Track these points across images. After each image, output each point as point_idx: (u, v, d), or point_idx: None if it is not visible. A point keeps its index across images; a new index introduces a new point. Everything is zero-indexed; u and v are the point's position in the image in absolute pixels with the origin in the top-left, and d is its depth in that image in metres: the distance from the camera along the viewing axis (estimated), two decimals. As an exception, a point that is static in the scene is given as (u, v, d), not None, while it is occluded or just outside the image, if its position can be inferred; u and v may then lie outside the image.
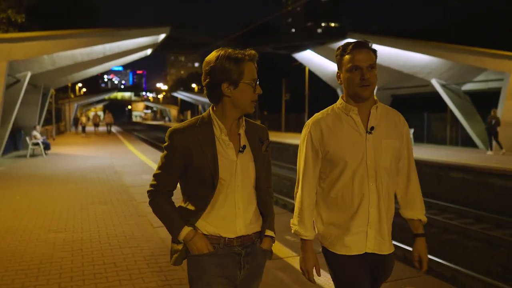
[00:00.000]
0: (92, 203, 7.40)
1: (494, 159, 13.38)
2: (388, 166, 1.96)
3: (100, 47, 15.17)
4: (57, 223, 6.01)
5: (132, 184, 9.30)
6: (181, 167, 1.80)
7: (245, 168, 1.82)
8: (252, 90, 1.77)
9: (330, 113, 2.02)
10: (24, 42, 12.13)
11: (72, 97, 44.82)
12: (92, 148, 19.68)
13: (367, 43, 1.94)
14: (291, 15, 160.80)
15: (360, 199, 1.93)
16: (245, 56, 1.76)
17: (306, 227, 2.01)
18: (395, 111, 2.08)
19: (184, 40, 19.54)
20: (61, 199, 7.80)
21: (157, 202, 1.82)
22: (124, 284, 3.80)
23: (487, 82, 17.64)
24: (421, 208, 2.07)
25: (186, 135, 1.79)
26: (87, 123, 31.17)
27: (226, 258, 1.79)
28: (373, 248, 1.94)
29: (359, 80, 1.89)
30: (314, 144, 2.00)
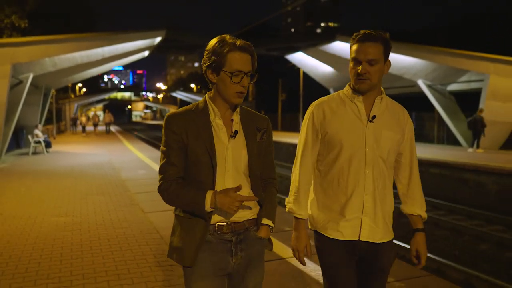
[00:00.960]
0: (91, 194, 8.16)
1: (477, 157, 14.12)
2: (385, 156, 1.96)
3: (99, 50, 15.95)
4: (58, 210, 6.77)
5: (128, 178, 10.05)
6: (182, 150, 1.79)
7: (237, 154, 1.81)
8: (230, 80, 1.75)
9: (335, 98, 2.03)
10: (27, 46, 12.92)
11: (72, 97, 45.55)
12: (92, 146, 20.44)
13: (376, 35, 1.89)
14: (290, 15, 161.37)
15: (355, 185, 1.93)
16: (231, 44, 1.74)
17: (301, 205, 2.02)
18: (400, 106, 2.08)
19: (179, 42, 20.34)
20: (62, 191, 8.55)
21: (171, 191, 1.79)
22: (115, 255, 4.55)
23: (470, 82, 18.38)
24: (422, 204, 2.08)
25: (183, 119, 1.80)
26: (87, 123, 31.50)
27: (217, 245, 1.79)
28: (367, 236, 1.94)
29: (356, 74, 1.91)
30: (315, 124, 2.00)
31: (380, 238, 1.95)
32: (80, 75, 23.23)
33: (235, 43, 1.74)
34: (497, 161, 12.54)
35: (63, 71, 17.58)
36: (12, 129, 14.32)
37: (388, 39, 1.91)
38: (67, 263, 4.29)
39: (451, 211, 10.45)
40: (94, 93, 62.03)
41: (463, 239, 8.42)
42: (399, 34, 41.08)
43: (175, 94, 74.08)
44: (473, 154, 14.71)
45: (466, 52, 16.99)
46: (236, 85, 1.75)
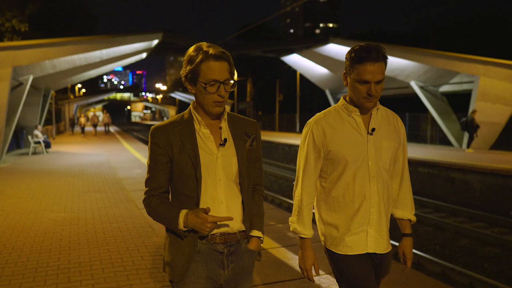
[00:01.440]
0: (88, 191, 8.53)
1: (466, 157, 14.50)
2: (387, 167, 1.99)
3: (97, 52, 16.34)
4: (57, 206, 7.14)
5: (124, 177, 10.42)
6: (167, 163, 1.77)
7: (227, 162, 1.79)
8: (204, 91, 1.72)
9: (332, 113, 2.03)
10: (27, 49, 13.31)
11: (72, 98, 45.89)
12: (91, 146, 20.81)
13: (380, 53, 1.87)
14: (289, 16, 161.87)
15: (361, 199, 1.94)
16: (204, 53, 1.70)
17: (305, 225, 2.01)
18: (393, 113, 2.11)
19: (176, 44, 20.75)
20: (61, 188, 8.92)
21: (152, 206, 1.78)
22: (110, 246, 4.93)
23: (461, 84, 18.76)
24: (412, 208, 2.12)
25: (167, 131, 1.77)
26: (86, 123, 31.49)
27: (209, 256, 1.77)
28: (374, 248, 1.97)
29: (365, 94, 1.89)
30: (316, 143, 1.99)
31: (385, 249, 2.00)
32: (79, 77, 23.63)
33: (208, 52, 1.69)
34: (483, 160, 12.91)
35: (62, 73, 17.97)
36: (12, 130, 14.69)
37: (385, 53, 1.90)
38: (65, 253, 4.66)
39: (437, 209, 10.83)
40: (93, 94, 62.36)
41: (445, 235, 8.79)
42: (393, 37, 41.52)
43: (174, 95, 74.44)
44: (463, 154, 15.09)
45: (456, 55, 17.38)
46: (212, 95, 1.71)
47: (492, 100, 16.77)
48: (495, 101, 16.76)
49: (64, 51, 14.39)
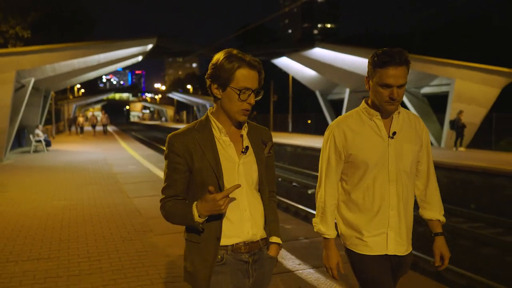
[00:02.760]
0: (85, 184, 9.54)
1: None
2: (408, 170, 2.01)
3: (95, 57, 17.36)
4: (58, 196, 8.15)
5: (119, 172, 11.43)
6: (185, 172, 1.75)
7: (248, 170, 1.78)
8: (238, 98, 1.70)
9: (353, 116, 2.05)
10: (30, 54, 14.34)
11: (71, 98, 46.87)
12: (89, 145, 21.82)
13: (403, 58, 1.88)
14: (288, 16, 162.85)
15: (380, 202, 1.97)
16: (240, 60, 1.69)
17: (329, 226, 2.06)
18: (416, 116, 2.12)
19: (170, 48, 21.79)
20: (61, 182, 9.93)
21: (167, 209, 1.78)
22: (102, 225, 5.93)
23: (441, 86, 19.79)
24: (440, 209, 2.13)
25: (186, 139, 1.75)
26: (84, 123, 32.14)
27: (235, 266, 1.76)
28: (394, 250, 1.99)
29: (387, 98, 1.90)
30: (337, 146, 2.02)
31: (405, 251, 2.03)
32: (78, 79, 24.65)
33: (244, 59, 1.70)
34: (453, 158, 13.92)
35: (62, 75, 18.99)
36: (15, 129, 15.70)
37: (408, 58, 1.91)
38: (65, 231, 5.66)
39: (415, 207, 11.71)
40: (92, 94, 63.25)
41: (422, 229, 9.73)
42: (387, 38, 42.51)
43: (172, 95, 75.39)
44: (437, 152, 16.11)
45: (433, 59, 18.40)
46: (242, 103, 1.71)
47: (467, 101, 17.79)
48: (470, 103, 17.78)
49: (63, 56, 15.42)
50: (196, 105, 63.45)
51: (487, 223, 9.49)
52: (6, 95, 13.62)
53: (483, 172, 11.51)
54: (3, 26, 16.40)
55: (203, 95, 62.38)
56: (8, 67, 13.57)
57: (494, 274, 6.63)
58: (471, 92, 17.72)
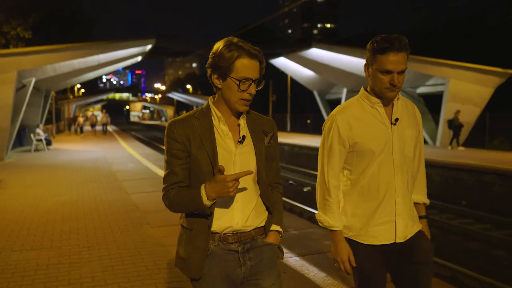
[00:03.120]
0: (85, 181, 9.81)
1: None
2: (411, 155, 2.02)
3: (95, 57, 17.65)
4: (59, 192, 8.42)
5: (118, 170, 11.70)
6: (186, 158, 1.75)
7: (245, 160, 1.77)
8: (237, 88, 1.68)
9: (354, 105, 2.03)
10: (31, 55, 14.63)
11: (71, 98, 47.14)
12: (89, 144, 22.09)
13: (402, 43, 1.87)
14: (288, 16, 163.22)
15: (386, 189, 1.95)
16: (240, 49, 1.67)
17: (335, 217, 2.01)
18: (411, 102, 2.12)
19: (168, 48, 22.08)
20: (62, 179, 10.20)
21: (171, 197, 1.75)
22: (102, 218, 6.20)
23: (436, 86, 20.05)
24: (425, 192, 2.17)
25: (185, 126, 1.75)
26: (83, 123, 32.22)
27: (223, 257, 1.75)
28: (403, 237, 1.97)
29: (388, 84, 1.89)
30: (342, 136, 1.98)
31: (412, 232, 2.02)
32: (79, 79, 24.93)
33: (244, 48, 1.67)
34: (446, 156, 14.19)
35: (63, 75, 19.26)
36: (17, 128, 15.98)
37: (407, 44, 1.90)
38: (66, 223, 5.94)
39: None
40: (92, 94, 63.55)
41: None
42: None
43: (171, 95, 75.68)
44: (432, 150, 16.39)
45: (429, 59, 18.66)
46: (242, 93, 1.69)
47: (462, 101, 18.06)
48: (465, 102, 18.05)
49: (64, 56, 15.70)
50: (195, 105, 63.79)
51: (476, 219, 9.76)
52: (8, 95, 13.89)
53: (473, 170, 11.78)
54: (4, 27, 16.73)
55: (203, 95, 62.74)
56: (9, 67, 13.85)
57: (479, 267, 6.89)
58: (466, 92, 18.00)
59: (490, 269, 6.81)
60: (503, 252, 7.67)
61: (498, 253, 7.64)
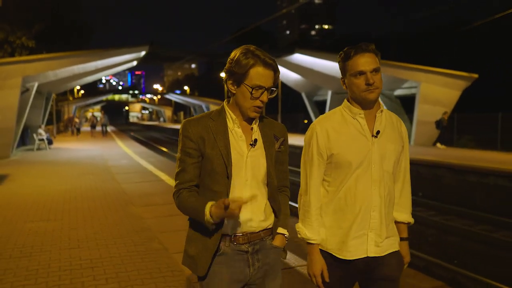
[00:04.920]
0: (83, 174, 11.28)
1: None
2: (391, 170, 1.97)
3: (93, 63, 19.15)
4: (60, 183, 9.88)
5: (113, 165, 13.16)
6: (199, 157, 1.80)
7: (255, 163, 1.82)
8: (250, 95, 1.75)
9: (336, 116, 2.00)
10: (34, 62, 16.15)
11: (71, 100, 48.54)
12: (88, 144, 23.57)
13: (369, 46, 1.90)
14: (286, 17, 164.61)
15: (362, 203, 1.92)
16: (256, 58, 1.73)
17: (314, 230, 1.99)
18: (397, 117, 2.10)
19: (161, 54, 23.62)
20: (62, 173, 11.66)
21: (181, 199, 1.80)
22: (96, 202, 7.66)
23: (411, 88, 21.52)
24: (410, 211, 2.12)
25: (200, 126, 1.81)
26: (80, 124, 32.84)
27: (233, 257, 1.80)
28: (374, 252, 1.95)
29: (364, 86, 1.87)
30: (320, 147, 1.97)
31: (384, 251, 1.97)
32: (78, 82, 26.46)
33: (260, 57, 1.74)
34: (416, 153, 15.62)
35: (63, 80, 20.77)
36: (21, 129, 17.46)
37: (375, 48, 1.93)
38: (66, 204, 7.40)
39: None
40: (92, 95, 64.93)
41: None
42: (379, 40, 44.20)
43: (169, 96, 77.02)
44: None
45: (403, 64, 20.12)
46: (255, 100, 1.76)
47: (432, 103, 19.53)
48: (435, 104, 19.51)
49: (64, 63, 17.21)
50: (192, 106, 65.07)
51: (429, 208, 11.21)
52: (14, 98, 15.38)
53: (429, 165, 13.24)
54: (11, 37, 18.29)
55: (200, 96, 64.08)
56: (15, 74, 15.35)
57: (430, 252, 7.83)
58: (436, 94, 19.46)
59: (436, 251, 8.23)
60: (454, 238, 9.14)
61: (449, 238, 9.10)
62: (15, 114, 15.62)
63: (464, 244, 8.60)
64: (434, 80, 19.46)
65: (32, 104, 19.29)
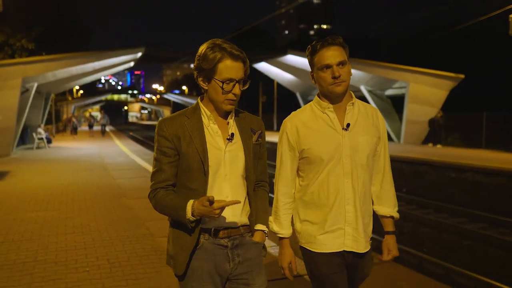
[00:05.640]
0: (81, 170, 11.85)
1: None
2: (364, 163, 1.95)
3: (90, 64, 19.72)
4: (59, 178, 10.45)
5: (109, 162, 13.73)
6: (175, 156, 1.79)
7: (234, 157, 1.81)
8: (221, 89, 1.72)
9: (306, 111, 2.01)
10: (34, 63, 16.72)
11: (70, 99, 49.06)
12: (86, 143, 24.14)
13: (335, 39, 1.90)
14: (284, 17, 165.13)
15: (335, 196, 1.92)
16: (222, 51, 1.71)
17: (282, 225, 2.02)
18: (373, 107, 2.07)
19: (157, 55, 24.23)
20: (61, 169, 12.23)
21: (158, 198, 1.79)
22: (91, 193, 8.23)
23: (401, 88, 22.08)
24: (394, 205, 2.08)
25: (175, 124, 1.79)
26: (78, 124, 32.85)
27: (212, 251, 1.79)
28: (351, 246, 1.94)
29: (331, 79, 1.88)
30: (290, 142, 1.98)
31: (364, 248, 1.97)
32: (77, 82, 27.03)
33: (226, 50, 1.71)
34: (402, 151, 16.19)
35: (62, 80, 21.33)
36: (21, 128, 18.03)
37: (343, 41, 1.91)
38: (64, 197, 7.96)
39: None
40: (91, 95, 65.40)
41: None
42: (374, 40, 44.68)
43: (167, 96, 77.55)
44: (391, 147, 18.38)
45: (391, 65, 20.71)
46: (227, 93, 1.74)
47: (420, 102, 20.11)
48: (423, 104, 20.09)
49: (63, 64, 17.78)
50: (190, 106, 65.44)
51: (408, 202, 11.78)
52: (14, 98, 15.94)
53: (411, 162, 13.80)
54: (11, 40, 18.88)
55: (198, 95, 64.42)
56: (15, 75, 15.91)
57: (404, 241, 8.32)
58: (424, 94, 20.04)
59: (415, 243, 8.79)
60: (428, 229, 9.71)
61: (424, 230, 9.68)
62: (15, 114, 16.19)
63: (436, 235, 9.17)
64: (422, 80, 20.05)
65: (31, 104, 19.85)
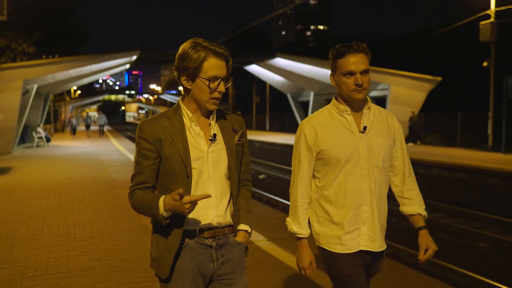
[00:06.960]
0: (79, 166, 12.90)
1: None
2: (380, 164, 2.00)
3: (87, 67, 20.78)
4: (58, 173, 11.49)
5: (105, 159, 14.78)
6: (156, 159, 1.77)
7: (217, 158, 1.81)
8: (208, 88, 1.72)
9: (324, 113, 2.06)
10: (34, 67, 17.78)
11: (68, 100, 50.00)
12: (84, 142, 25.16)
13: (360, 45, 1.94)
14: (281, 18, 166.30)
15: (353, 198, 1.96)
16: (206, 49, 1.71)
17: (301, 225, 2.04)
18: (388, 111, 2.12)
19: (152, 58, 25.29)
20: (60, 165, 13.27)
21: (134, 198, 1.79)
22: (88, 185, 9.27)
23: (384, 90, 23.19)
24: (420, 203, 2.11)
25: (157, 126, 1.77)
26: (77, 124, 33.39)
27: (197, 250, 1.79)
28: (366, 245, 1.99)
29: (353, 86, 1.92)
30: (309, 143, 2.02)
31: (379, 247, 2.01)
32: (74, 83, 28.08)
33: (210, 48, 1.71)
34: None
35: (60, 82, 22.36)
36: (22, 128, 19.05)
37: (366, 47, 1.97)
38: (63, 188, 9.01)
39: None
40: (88, 96, 66.26)
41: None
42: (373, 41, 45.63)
43: (163, 96, 78.46)
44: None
45: (374, 68, 21.78)
46: (213, 92, 1.74)
47: (401, 103, 21.21)
48: (403, 105, 21.19)
49: (61, 67, 18.84)
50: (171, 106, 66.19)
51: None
52: (15, 100, 16.98)
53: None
54: (13, 44, 19.93)
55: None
56: (17, 77, 16.96)
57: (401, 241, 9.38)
58: (404, 95, 21.15)
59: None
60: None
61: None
62: (16, 114, 17.22)
63: (397, 224, 10.21)
64: (402, 82, 21.16)
65: (31, 104, 20.90)
